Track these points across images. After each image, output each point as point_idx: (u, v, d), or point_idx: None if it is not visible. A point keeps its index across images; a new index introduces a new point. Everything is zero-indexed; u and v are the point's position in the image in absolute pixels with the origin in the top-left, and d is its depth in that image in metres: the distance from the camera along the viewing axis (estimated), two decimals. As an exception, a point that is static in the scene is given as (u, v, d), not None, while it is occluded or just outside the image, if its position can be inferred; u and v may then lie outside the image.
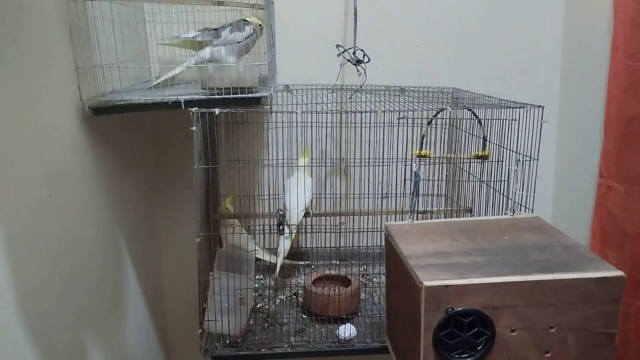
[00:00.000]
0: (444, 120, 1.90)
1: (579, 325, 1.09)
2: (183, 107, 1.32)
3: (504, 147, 1.53)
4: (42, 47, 1.14)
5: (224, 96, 1.32)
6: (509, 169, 1.48)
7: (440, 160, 1.88)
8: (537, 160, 1.41)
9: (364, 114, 1.63)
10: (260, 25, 1.44)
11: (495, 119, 1.54)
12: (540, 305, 1.07)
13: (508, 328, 1.08)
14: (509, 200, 1.48)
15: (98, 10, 1.38)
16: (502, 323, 1.08)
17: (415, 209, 1.40)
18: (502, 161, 1.54)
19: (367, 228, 1.89)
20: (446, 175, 1.98)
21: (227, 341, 1.48)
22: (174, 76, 1.57)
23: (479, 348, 1.08)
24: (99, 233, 1.44)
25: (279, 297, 1.77)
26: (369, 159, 1.83)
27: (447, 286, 1.05)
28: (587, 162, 1.84)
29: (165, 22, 1.83)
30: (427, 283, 1.06)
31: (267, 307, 1.71)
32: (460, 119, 1.86)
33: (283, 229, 1.50)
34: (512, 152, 1.48)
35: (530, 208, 1.44)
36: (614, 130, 1.68)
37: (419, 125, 1.59)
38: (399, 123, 1.59)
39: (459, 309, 1.06)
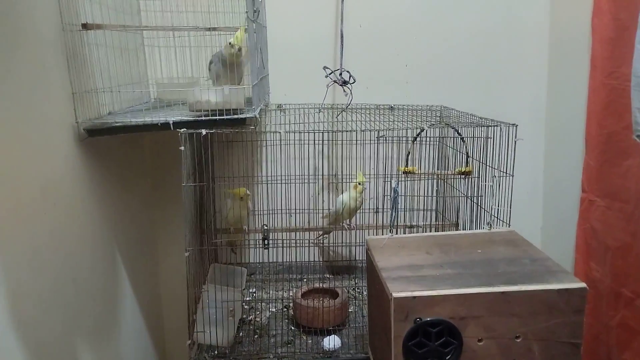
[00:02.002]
0: (430, 137, 1.95)
1: (544, 335, 1.13)
2: (172, 128, 1.40)
3: (485, 164, 1.58)
4: (40, 73, 1.23)
5: (210, 118, 1.40)
6: (487, 184, 1.53)
7: (426, 176, 1.93)
8: (512, 176, 1.46)
9: (351, 132, 1.69)
10: (230, 43, 1.51)
11: (475, 137, 1.59)
12: (505, 315, 1.12)
13: (475, 338, 1.13)
14: (489, 214, 1.53)
15: (95, 37, 1.48)
16: (468, 333, 1.12)
17: (395, 224, 1.46)
18: (484, 177, 1.59)
19: (358, 242, 1.94)
20: (436, 190, 2.02)
21: (216, 352, 1.54)
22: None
23: (447, 357, 1.13)
24: (95, 249, 1.51)
25: (270, 309, 1.83)
26: (357, 172, 1.89)
27: (414, 297, 1.11)
28: (572, 177, 1.88)
29: (164, 45, 1.92)
30: (396, 294, 1.11)
31: (258, 319, 1.77)
32: (445, 136, 1.91)
33: (268, 244, 1.56)
34: (492, 169, 1.53)
35: (507, 222, 1.49)
36: (594, 146, 1.73)
37: (405, 142, 1.65)
38: (385, 140, 1.65)
39: (427, 319, 1.11)
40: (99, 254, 1.53)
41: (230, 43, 1.49)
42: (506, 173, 1.47)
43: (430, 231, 1.92)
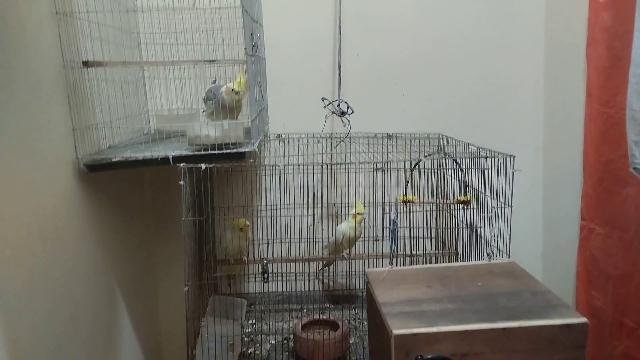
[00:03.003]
0: (429, 167, 1.96)
1: (546, 372, 1.12)
2: (171, 163, 1.41)
3: (484, 193, 1.58)
4: (41, 110, 1.24)
5: (209, 152, 1.40)
6: (486, 215, 1.53)
7: (425, 206, 1.93)
8: (511, 207, 1.46)
9: (350, 164, 1.70)
10: (233, 90, 1.53)
11: (474, 168, 1.59)
12: (507, 352, 1.11)
13: (477, 375, 1.12)
14: (489, 245, 1.52)
15: (96, 73, 1.49)
16: (470, 370, 1.11)
17: (395, 255, 1.46)
18: (483, 207, 1.59)
19: (358, 271, 1.94)
20: (435, 219, 2.02)
21: (216, 387, 1.52)
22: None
23: (449, 394, 1.12)
24: (93, 285, 1.50)
25: (270, 341, 1.81)
26: (356, 202, 1.89)
27: (415, 334, 1.10)
28: (571, 205, 1.88)
29: (164, 77, 1.95)
30: (396, 331, 1.10)
31: (258, 352, 1.75)
32: (444, 167, 1.92)
33: (267, 277, 1.55)
34: (490, 199, 1.53)
35: (507, 253, 1.49)
36: (592, 174, 1.73)
37: (404, 171, 1.65)
38: (383, 169, 1.66)
39: (428, 357, 1.10)
40: (97, 289, 1.53)
41: (233, 90, 1.50)
42: (505, 204, 1.48)
43: (430, 260, 1.91)
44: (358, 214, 1.78)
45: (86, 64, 1.39)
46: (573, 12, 1.82)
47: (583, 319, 1.10)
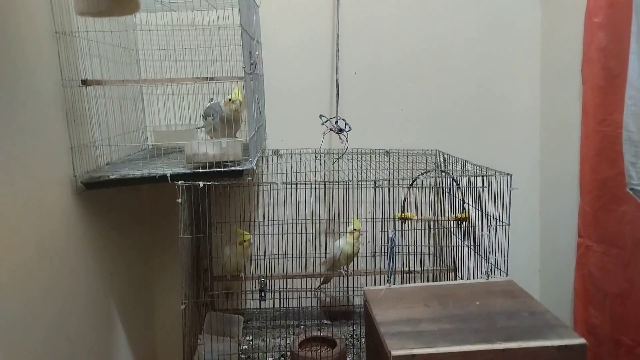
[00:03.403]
0: (426, 185, 1.96)
1: (545, 393, 1.12)
2: (169, 181, 1.41)
3: (481, 211, 1.59)
4: (39, 129, 1.24)
5: (207, 170, 1.41)
6: (484, 233, 1.53)
7: (423, 222, 1.93)
8: (509, 225, 1.47)
9: (348, 182, 1.70)
10: (231, 100, 1.53)
11: (471, 187, 1.60)
12: (506, 373, 1.10)
13: (475, 396, 1.11)
14: (487, 263, 1.52)
15: (95, 91, 1.50)
16: (469, 391, 1.11)
17: (393, 273, 1.46)
18: (481, 224, 1.59)
19: (356, 287, 1.93)
20: (433, 235, 2.02)
21: (212, 406, 1.51)
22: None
23: (447, 416, 1.11)
24: (90, 303, 1.49)
25: (267, 359, 1.80)
26: (353, 219, 1.89)
27: (413, 355, 1.10)
28: (568, 222, 1.88)
29: (162, 93, 1.95)
30: (395, 352, 1.10)
31: (255, 369, 1.74)
32: (442, 186, 1.92)
33: (265, 296, 1.55)
34: (488, 216, 1.53)
35: (505, 271, 1.49)
36: (589, 191, 1.74)
37: (402, 187, 1.65)
38: (381, 188, 1.66)
39: (426, 378, 1.10)
40: (94, 307, 1.52)
41: (230, 99, 1.50)
42: (502, 222, 1.48)
43: (428, 277, 1.91)
44: (355, 230, 1.77)
45: (85, 82, 1.39)
46: (568, 31, 1.84)
47: (582, 340, 1.10)
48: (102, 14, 0.96)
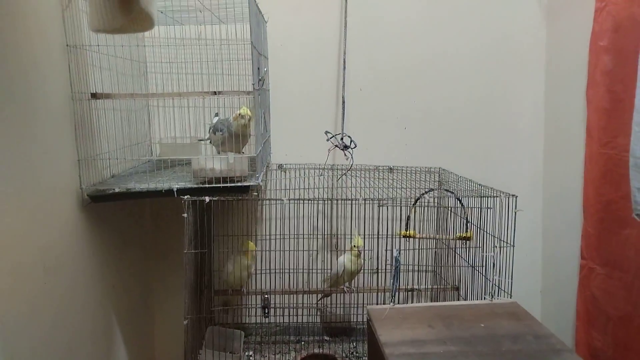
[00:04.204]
0: (431, 204, 1.97)
1: (550, 419, 1.11)
2: (175, 195, 1.41)
3: (484, 231, 1.59)
4: (48, 142, 1.24)
5: (213, 185, 1.41)
6: (487, 254, 1.53)
7: (426, 240, 1.93)
8: (513, 246, 1.47)
9: (352, 200, 1.70)
10: (240, 114, 1.53)
11: (475, 207, 1.60)
12: (511, 398, 1.10)
13: (480, 420, 1.11)
14: (491, 284, 1.52)
15: (103, 104, 1.50)
16: (474, 415, 1.10)
17: (396, 293, 1.46)
18: (484, 244, 1.59)
19: (359, 303, 1.93)
20: (435, 253, 2.02)
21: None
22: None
23: None
24: (92, 316, 1.49)
25: (268, 375, 1.79)
26: (356, 235, 1.89)
27: (418, 378, 1.09)
28: (571, 243, 1.88)
29: (169, 106, 1.96)
30: (399, 374, 1.10)
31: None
32: (446, 206, 1.92)
33: (268, 312, 1.54)
34: (492, 237, 1.54)
35: (509, 292, 1.48)
36: (592, 214, 1.74)
37: (405, 204, 1.65)
38: (387, 207, 1.66)
39: (431, 401, 1.09)
40: (95, 319, 1.51)
41: (239, 114, 1.51)
42: (507, 243, 1.48)
43: (431, 295, 1.90)
44: (354, 247, 1.76)
45: (94, 95, 1.40)
46: (573, 53, 1.85)
47: (587, 366, 1.10)
48: (117, 31, 0.96)
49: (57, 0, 1.30)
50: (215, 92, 1.72)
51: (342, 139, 1.84)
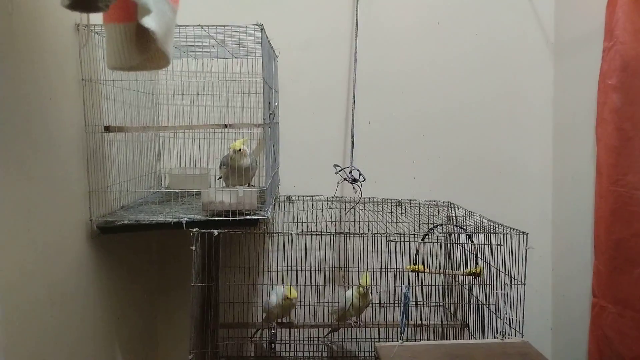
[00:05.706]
0: (440, 240, 1.95)
1: None
2: (184, 228, 1.41)
3: (494, 267, 1.57)
4: (60, 174, 1.25)
5: (222, 218, 1.41)
6: (498, 291, 1.51)
7: (435, 276, 1.91)
8: (524, 284, 1.45)
9: (362, 235, 1.70)
10: (232, 149, 1.54)
11: (486, 244, 1.59)
12: None
13: None
14: (502, 323, 1.50)
15: (116, 136, 1.52)
16: None
17: (405, 330, 1.44)
18: (494, 281, 1.57)
19: (367, 338, 1.90)
20: (444, 288, 2.00)
21: None
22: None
23: None
24: (97, 349, 1.47)
25: (273, 411, 1.76)
26: (366, 268, 1.87)
27: (429, 422, 1.07)
28: (581, 280, 1.86)
29: (180, 137, 1.97)
30: (409, 417, 1.07)
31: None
32: (456, 242, 1.91)
33: (275, 347, 1.52)
34: (502, 274, 1.52)
35: (520, 331, 1.46)
36: (603, 251, 1.72)
37: (415, 241, 1.64)
38: (396, 242, 1.65)
39: None
40: (100, 351, 1.49)
41: (233, 149, 1.51)
42: (518, 281, 1.46)
43: (440, 331, 1.88)
44: (361, 286, 1.73)
45: (107, 129, 1.41)
46: (581, 91, 1.86)
47: (602, 412, 1.07)
48: (133, 69, 0.98)
49: (75, 37, 1.33)
50: (226, 124, 1.74)
51: (350, 172, 1.84)
